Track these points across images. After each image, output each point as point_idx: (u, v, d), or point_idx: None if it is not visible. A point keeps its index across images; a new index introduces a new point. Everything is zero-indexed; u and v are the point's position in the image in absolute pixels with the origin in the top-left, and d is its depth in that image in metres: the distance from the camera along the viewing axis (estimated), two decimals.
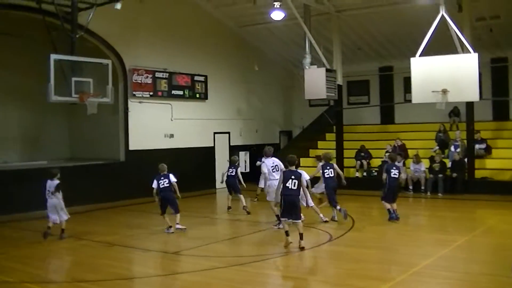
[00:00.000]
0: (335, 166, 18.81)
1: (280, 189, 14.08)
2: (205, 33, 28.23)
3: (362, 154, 27.06)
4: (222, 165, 27.57)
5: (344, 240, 15.11)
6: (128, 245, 15.22)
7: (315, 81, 24.89)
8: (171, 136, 26.46)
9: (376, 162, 26.93)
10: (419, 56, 19.84)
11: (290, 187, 13.89)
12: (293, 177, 13.95)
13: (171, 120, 26.52)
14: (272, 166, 17.54)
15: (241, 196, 20.12)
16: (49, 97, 18.86)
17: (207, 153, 28.21)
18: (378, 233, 16.48)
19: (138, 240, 16.13)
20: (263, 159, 18.36)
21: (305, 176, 15.31)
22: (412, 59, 20.10)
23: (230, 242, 15.44)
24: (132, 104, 24.88)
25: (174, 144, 26.26)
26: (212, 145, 28.77)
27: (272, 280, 11.45)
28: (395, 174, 17.86)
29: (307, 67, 25.31)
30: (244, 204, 19.96)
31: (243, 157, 30.03)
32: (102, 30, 23.45)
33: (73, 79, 19.48)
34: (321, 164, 18.50)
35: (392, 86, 31.17)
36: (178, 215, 16.80)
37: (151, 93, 25.48)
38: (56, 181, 16.06)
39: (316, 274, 11.77)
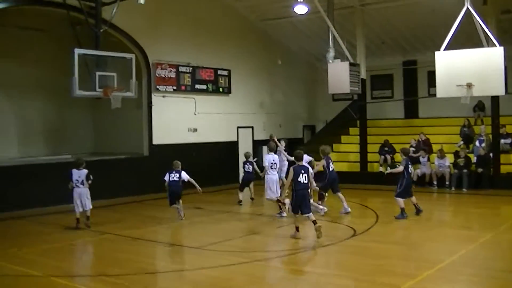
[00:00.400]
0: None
1: (290, 185, 14.52)
2: (229, 27, 28.23)
3: (386, 148, 26.89)
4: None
5: (368, 236, 15.03)
6: (151, 239, 15.27)
7: (339, 75, 24.79)
8: (195, 130, 26.50)
9: (400, 157, 26.69)
10: (444, 49, 19.69)
11: (302, 182, 14.24)
12: (303, 171, 14.32)
13: (195, 114, 26.55)
14: (271, 163, 18.32)
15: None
16: (73, 92, 19.01)
17: (231, 147, 28.21)
18: (402, 228, 16.40)
19: (162, 234, 16.21)
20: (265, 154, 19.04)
21: (311, 170, 15.53)
22: (436, 53, 19.96)
23: (253, 237, 15.39)
24: (156, 98, 24.93)
25: (198, 139, 26.30)
26: (236, 139, 28.75)
27: (295, 275, 11.40)
28: (411, 169, 17.79)
29: (330, 61, 25.19)
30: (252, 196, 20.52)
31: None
32: (126, 25, 23.51)
33: (97, 73, 19.66)
34: (324, 157, 18.80)
35: (416, 80, 30.96)
36: (181, 204, 17.86)
37: (175, 87, 25.52)
38: (85, 170, 16.65)
39: (340, 269, 11.69)
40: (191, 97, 26.39)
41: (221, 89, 27.83)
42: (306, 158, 17.33)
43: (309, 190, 14.69)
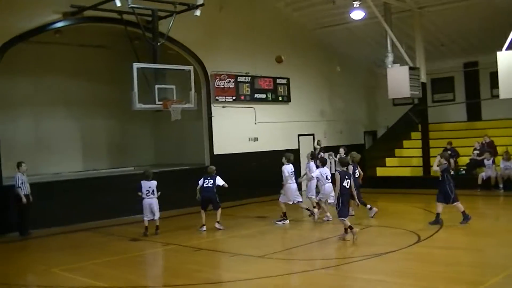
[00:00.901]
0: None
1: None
2: (286, 35, 28.23)
3: (449, 152, 26.49)
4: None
5: (433, 242, 14.83)
6: (215, 249, 15.36)
7: (398, 80, 24.60)
8: (255, 139, 26.57)
9: (463, 160, 26.36)
10: (506, 49, 19.38)
11: (346, 186, 15.06)
12: (346, 176, 15.15)
13: (255, 123, 26.64)
14: (291, 171, 18.82)
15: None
16: (133, 105, 19.27)
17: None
18: (468, 234, 16.12)
19: (225, 244, 16.27)
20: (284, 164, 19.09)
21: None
22: (498, 53, 19.70)
23: (315, 245, 15.35)
24: (215, 109, 25.10)
25: (259, 148, 26.35)
26: (297, 147, 28.72)
27: (359, 283, 11.30)
28: (452, 174, 17.45)
29: (389, 66, 25.02)
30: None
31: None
32: (183, 37, 23.74)
33: (156, 86, 19.91)
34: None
35: (478, 81, 30.40)
36: (219, 212, 18.12)
37: (234, 98, 25.64)
38: (154, 181, 17.49)
39: (405, 277, 11.54)
40: (250, 107, 26.47)
41: (280, 98, 27.86)
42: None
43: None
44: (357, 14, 25.56)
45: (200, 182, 18.11)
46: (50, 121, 24.67)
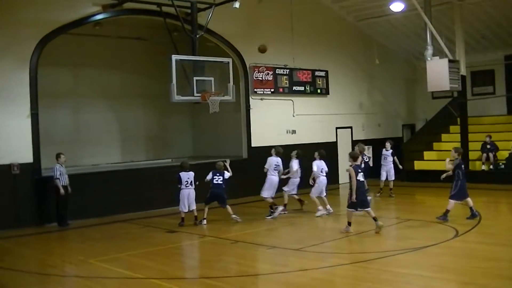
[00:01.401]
0: None
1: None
2: (325, 28, 28.15)
3: (488, 146, 26.20)
4: (345, 159, 27.47)
5: (471, 236, 14.69)
6: (252, 242, 15.33)
7: (438, 73, 24.37)
8: (293, 132, 26.53)
9: (503, 155, 26.05)
10: None
11: (361, 180, 15.52)
12: (359, 170, 15.58)
13: (293, 116, 26.61)
14: (275, 164, 19.15)
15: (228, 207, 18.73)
16: (172, 97, 19.39)
17: (330, 148, 28.04)
18: (506, 228, 15.95)
19: (262, 236, 16.27)
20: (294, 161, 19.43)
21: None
22: None
23: (353, 238, 15.26)
24: (254, 101, 25.11)
25: (297, 140, 26.25)
26: (335, 140, 28.63)
27: (397, 277, 11.20)
28: (464, 170, 17.12)
29: (429, 58, 24.79)
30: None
31: (366, 152, 29.68)
32: (222, 29, 23.78)
33: (195, 78, 19.99)
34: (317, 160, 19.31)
35: None
36: (229, 207, 18.28)
37: (272, 90, 25.62)
38: (192, 172, 17.86)
39: (443, 272, 11.42)
40: (289, 99, 26.43)
41: (319, 90, 27.77)
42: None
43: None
44: (397, 6, 25.41)
45: (209, 177, 18.12)
46: (89, 112, 24.92)
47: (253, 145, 24.87)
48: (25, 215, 18.82)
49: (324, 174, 18.70)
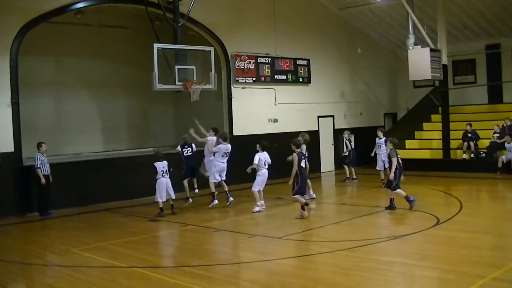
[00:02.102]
0: None
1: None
2: (307, 16, 28.14)
3: (469, 135, 26.35)
4: (327, 148, 27.58)
5: (452, 224, 14.78)
6: (232, 230, 15.40)
7: (420, 62, 24.50)
8: (275, 120, 26.55)
9: (484, 143, 26.21)
10: None
11: (303, 166, 16.04)
12: (303, 157, 16.20)
13: (275, 104, 26.61)
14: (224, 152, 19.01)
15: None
16: (154, 86, 19.37)
17: (312, 137, 28.07)
18: (487, 217, 16.08)
19: (243, 225, 16.31)
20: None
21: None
22: None
23: (335, 227, 15.34)
24: (236, 90, 25.09)
25: (278, 129, 26.30)
26: (317, 128, 28.68)
27: (379, 265, 11.25)
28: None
29: (411, 47, 24.92)
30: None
31: (351, 138, 29.81)
32: (204, 18, 23.72)
33: (177, 67, 19.99)
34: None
35: (500, 64, 30.17)
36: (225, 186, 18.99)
37: (254, 79, 25.61)
38: (166, 161, 17.73)
39: (426, 259, 11.49)
40: (271, 88, 26.43)
41: (301, 79, 27.78)
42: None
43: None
44: None
45: (178, 149, 18.99)
46: (71, 101, 24.78)
47: (235, 133, 24.83)
48: (7, 204, 18.69)
49: (267, 167, 18.29)
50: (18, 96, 19.21)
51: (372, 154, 23.26)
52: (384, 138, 22.07)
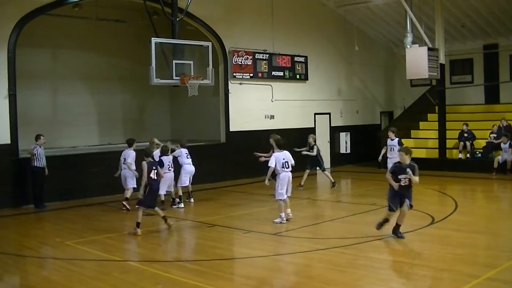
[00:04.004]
0: None
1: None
2: (305, 13, 28.15)
3: (466, 135, 26.38)
4: (323, 146, 27.55)
5: (447, 224, 14.81)
6: (229, 226, 15.39)
7: (417, 61, 24.51)
8: (272, 117, 26.55)
9: (480, 143, 26.24)
10: None
11: (153, 177, 14.53)
12: (154, 167, 14.72)
13: (272, 101, 26.61)
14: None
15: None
16: (151, 80, 19.33)
17: (308, 134, 28.07)
18: (482, 216, 16.15)
19: (239, 220, 16.30)
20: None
21: None
22: None
23: (331, 224, 15.37)
24: (233, 86, 25.07)
25: (275, 125, 26.25)
26: (313, 125, 28.69)
27: (373, 263, 11.29)
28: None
29: (408, 46, 24.91)
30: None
31: (344, 138, 29.87)
32: (202, 13, 23.71)
33: (174, 61, 19.99)
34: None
35: (497, 64, 30.20)
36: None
37: (251, 75, 25.59)
38: (171, 157, 18.14)
39: (420, 258, 11.55)
40: (268, 84, 26.43)
41: (298, 76, 27.78)
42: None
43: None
44: None
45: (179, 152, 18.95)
46: (67, 94, 24.73)
47: (231, 129, 24.85)
48: (2, 196, 18.67)
49: (290, 169, 17.15)
50: (15, 88, 19.18)
51: (380, 158, 21.89)
52: (397, 139, 20.74)
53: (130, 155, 18.16)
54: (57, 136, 23.51)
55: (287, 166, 15.24)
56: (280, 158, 15.22)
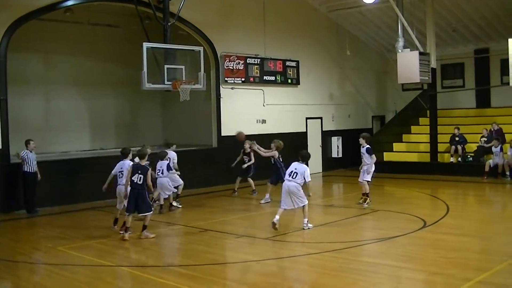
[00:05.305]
0: None
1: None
2: (297, 18, 28.18)
3: (457, 138, 26.45)
4: (315, 150, 27.56)
5: (439, 227, 14.84)
6: (221, 231, 15.38)
7: (408, 65, 24.57)
8: (263, 121, 26.55)
9: (471, 147, 26.32)
10: None
11: (135, 181, 14.15)
12: (139, 171, 14.20)
13: (263, 105, 26.61)
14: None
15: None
16: (143, 85, 19.36)
17: (300, 139, 28.18)
18: (474, 220, 16.18)
19: (231, 225, 16.31)
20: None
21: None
22: (510, 40, 19.60)
23: (323, 228, 15.36)
24: (224, 90, 25.07)
25: (266, 130, 26.29)
26: (305, 130, 28.72)
27: (366, 267, 11.31)
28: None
29: (400, 50, 24.99)
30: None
31: (335, 142, 29.90)
32: (194, 18, 23.70)
33: (166, 66, 20.01)
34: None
35: (488, 68, 30.32)
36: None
37: (243, 79, 25.60)
38: (165, 161, 18.19)
39: (412, 261, 11.56)
40: (259, 89, 26.43)
41: (289, 80, 27.78)
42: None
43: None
44: None
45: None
46: (59, 99, 24.70)
47: (223, 134, 24.85)
48: None
49: (290, 178, 16.89)
50: (7, 93, 19.15)
51: None
52: (367, 146, 18.32)
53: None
54: (49, 141, 23.48)
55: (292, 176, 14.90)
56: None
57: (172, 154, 19.42)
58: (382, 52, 32.84)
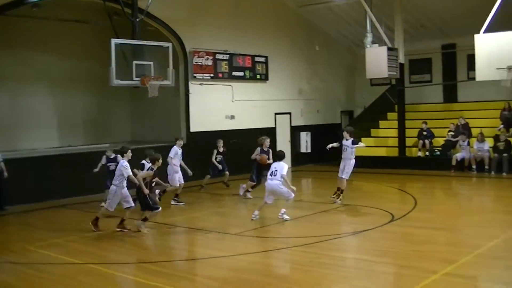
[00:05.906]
0: None
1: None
2: (266, 13, 28.19)
3: (425, 133, 26.67)
4: (284, 145, 27.62)
5: (407, 221, 14.99)
6: (190, 226, 15.39)
7: (377, 60, 24.70)
8: (232, 117, 26.54)
9: (438, 141, 26.56)
10: (484, 32, 19.46)
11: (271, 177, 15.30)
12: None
13: (232, 101, 26.61)
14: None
15: None
16: (111, 81, 19.23)
17: (268, 134, 28.03)
18: (441, 213, 16.32)
19: (200, 221, 16.29)
20: None
21: None
22: (476, 36, 19.76)
23: (293, 223, 15.40)
24: (193, 86, 25.01)
25: (235, 125, 26.32)
26: (274, 125, 28.76)
27: (335, 261, 11.39)
28: None
29: (368, 46, 25.11)
30: None
31: (304, 138, 29.98)
32: (163, 13, 23.61)
33: (134, 62, 19.91)
34: None
35: (455, 63, 30.53)
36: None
37: (212, 75, 25.56)
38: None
39: (382, 255, 11.65)
40: (228, 85, 26.42)
41: (258, 76, 27.80)
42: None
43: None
44: None
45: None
46: (27, 96, 24.45)
47: (192, 130, 24.81)
48: None
49: (271, 176, 17.01)
50: None
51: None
52: (351, 139, 18.72)
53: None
54: (17, 139, 23.29)
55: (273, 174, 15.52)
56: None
57: (174, 149, 19.13)
58: (351, 48, 32.97)
